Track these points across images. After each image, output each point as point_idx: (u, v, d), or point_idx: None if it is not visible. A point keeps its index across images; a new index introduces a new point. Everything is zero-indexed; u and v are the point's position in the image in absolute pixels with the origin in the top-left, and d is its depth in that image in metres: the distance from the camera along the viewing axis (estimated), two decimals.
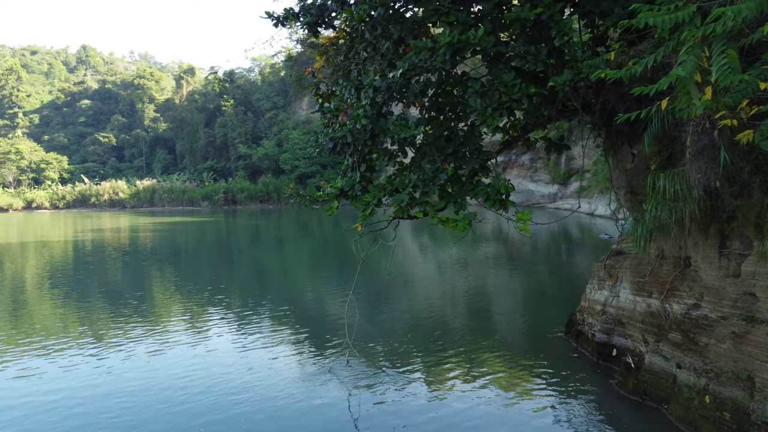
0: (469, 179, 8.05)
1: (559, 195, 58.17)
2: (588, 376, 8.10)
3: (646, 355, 7.22)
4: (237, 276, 19.58)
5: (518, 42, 6.90)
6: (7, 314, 13.25)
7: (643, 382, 7.05)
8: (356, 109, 7.74)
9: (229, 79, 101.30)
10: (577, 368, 8.40)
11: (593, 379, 7.96)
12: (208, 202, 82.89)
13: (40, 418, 7.12)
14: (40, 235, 38.39)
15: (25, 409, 7.42)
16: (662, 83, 4.47)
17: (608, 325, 8.47)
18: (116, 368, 8.95)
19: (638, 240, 7.24)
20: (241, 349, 9.69)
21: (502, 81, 6.86)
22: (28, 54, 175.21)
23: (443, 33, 6.52)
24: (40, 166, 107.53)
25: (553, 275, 18.40)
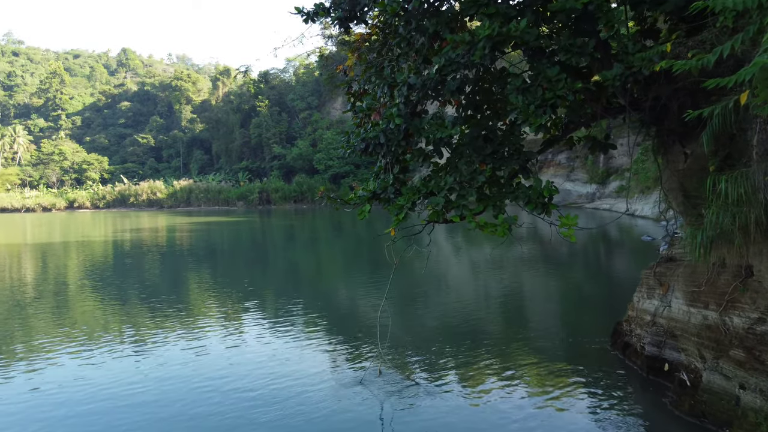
0: (509, 181, 7.59)
1: (597, 195, 56.76)
2: (637, 392, 7.55)
3: (704, 372, 6.64)
4: (271, 277, 19.43)
5: (563, 34, 6.41)
6: (50, 311, 13.54)
7: (701, 403, 6.48)
8: (389, 108, 7.35)
9: (264, 80, 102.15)
10: (625, 383, 7.85)
11: (643, 396, 7.41)
12: (243, 202, 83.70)
13: (78, 413, 7.18)
14: (82, 235, 39.15)
15: (67, 404, 7.49)
16: (745, 73, 3.95)
17: (659, 337, 7.90)
18: (151, 366, 9.04)
19: (697, 248, 6.66)
20: (273, 356, 9.42)
21: (546, 76, 6.38)
22: (71, 58, 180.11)
23: (482, 26, 6.08)
24: (81, 167, 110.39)
25: (593, 279, 17.70)
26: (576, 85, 6.23)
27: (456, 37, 6.38)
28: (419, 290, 15.29)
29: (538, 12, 6.55)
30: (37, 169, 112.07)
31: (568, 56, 6.39)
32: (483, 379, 8.15)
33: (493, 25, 6.06)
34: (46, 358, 9.75)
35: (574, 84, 6.26)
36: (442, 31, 6.90)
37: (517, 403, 7.26)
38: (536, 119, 6.30)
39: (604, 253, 24.22)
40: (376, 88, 7.91)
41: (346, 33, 8.29)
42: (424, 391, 7.63)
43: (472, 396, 7.52)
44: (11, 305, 14.26)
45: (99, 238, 36.49)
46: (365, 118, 8.17)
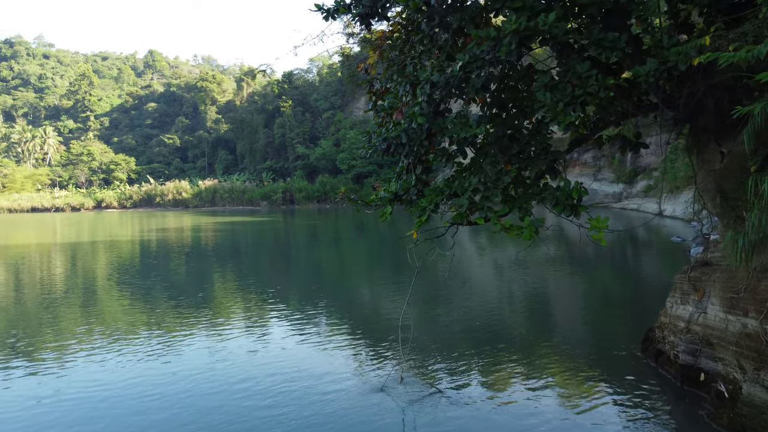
0: (535, 182, 7.30)
1: (624, 194, 55.72)
2: (672, 403, 7.21)
3: (744, 384, 6.29)
4: (293, 278, 19.34)
5: (594, 28, 6.11)
6: (79, 309, 13.74)
7: (740, 416, 6.13)
8: (412, 107, 7.13)
9: (287, 80, 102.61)
10: (658, 393, 7.51)
11: (678, 408, 7.06)
12: (266, 202, 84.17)
13: (103, 411, 7.20)
14: (109, 235, 39.66)
15: (92, 401, 7.52)
16: None
17: (694, 345, 7.54)
18: (174, 365, 9.13)
19: (738, 252, 6.30)
20: (293, 359, 9.28)
21: (576, 72, 6.09)
22: (100, 60, 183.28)
23: (508, 20, 5.82)
24: (109, 167, 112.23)
25: (621, 281, 17.24)
26: (608, 82, 5.94)
27: (481, 33, 6.13)
28: (442, 293, 15.04)
29: (567, 6, 6.27)
30: (66, 170, 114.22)
31: (599, 51, 6.10)
32: (507, 387, 7.88)
33: (520, 19, 5.80)
34: (73, 354, 9.84)
35: (606, 80, 5.96)
36: (466, 26, 6.65)
37: (543, 412, 6.98)
38: (565, 117, 6.01)
39: (632, 254, 23.65)
40: (398, 87, 7.70)
41: (368, 30, 8.09)
42: (446, 399, 7.39)
43: (496, 405, 7.26)
44: (41, 303, 14.39)
45: (126, 237, 36.91)
46: (387, 117, 7.96)
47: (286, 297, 15.05)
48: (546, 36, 5.96)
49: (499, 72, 7.42)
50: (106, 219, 65.02)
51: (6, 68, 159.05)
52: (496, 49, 6.09)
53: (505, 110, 7.63)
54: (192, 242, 33.28)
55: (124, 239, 35.47)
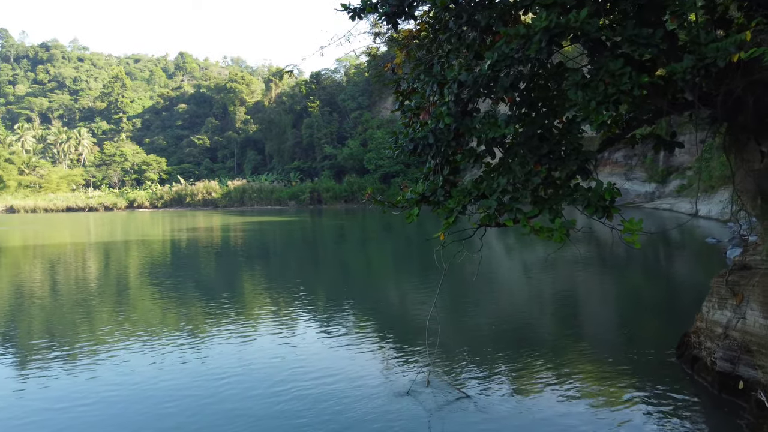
0: (566, 182, 7.12)
1: (656, 194, 54.62)
2: (708, 411, 6.97)
3: None
4: (320, 278, 19.37)
5: (628, 24, 5.92)
6: (112, 307, 14.02)
7: None
8: (439, 107, 7.02)
9: (315, 80, 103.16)
10: (694, 401, 7.27)
11: (716, 417, 6.82)
12: (294, 202, 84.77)
13: (133, 407, 7.34)
14: (141, 234, 40.33)
15: (123, 397, 7.61)
16: None
17: (732, 352, 7.27)
18: (204, 364, 9.24)
19: None
20: (319, 360, 9.26)
21: (608, 70, 5.91)
22: (132, 62, 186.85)
23: (539, 17, 5.67)
24: (141, 168, 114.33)
25: (653, 284, 16.84)
26: (642, 79, 5.74)
27: (510, 31, 5.99)
28: (470, 294, 14.87)
29: (599, 1, 6.09)
30: (100, 170, 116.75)
31: (632, 48, 5.91)
32: (536, 392, 7.72)
33: (550, 16, 5.65)
34: (106, 352, 10.03)
35: (640, 78, 5.77)
36: (495, 24, 6.52)
37: (572, 419, 6.81)
38: (598, 116, 5.84)
39: (665, 255, 23.11)
40: (425, 87, 7.59)
41: (395, 29, 8.00)
42: (473, 404, 7.26)
43: (524, 411, 7.10)
44: (76, 300, 14.66)
45: (157, 237, 37.49)
46: (414, 117, 7.86)
47: (313, 297, 15.06)
48: (577, 33, 5.80)
49: (528, 70, 7.26)
50: (137, 218, 66.20)
51: (42, 71, 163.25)
52: (526, 47, 5.95)
53: (534, 109, 7.46)
54: (221, 242, 33.64)
55: (155, 239, 36.03)
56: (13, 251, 29.64)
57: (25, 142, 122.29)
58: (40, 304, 14.65)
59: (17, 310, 13.90)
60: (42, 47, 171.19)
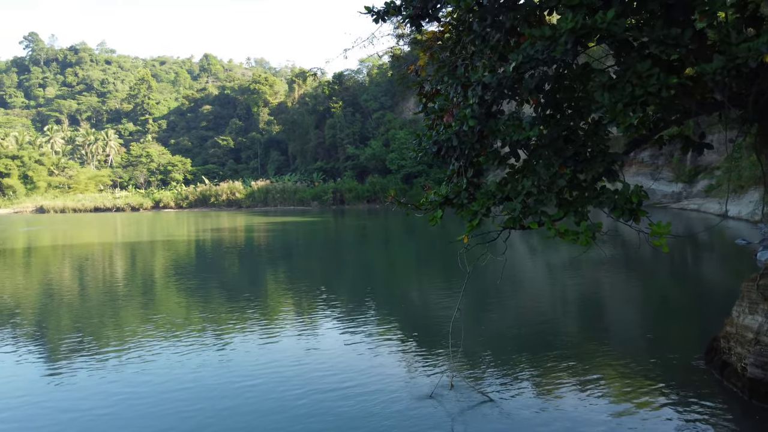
0: (592, 185, 7.03)
1: (684, 194, 53.69)
2: (739, 419, 6.82)
3: None
4: (343, 278, 19.43)
5: (656, 24, 5.82)
6: (138, 306, 14.30)
7: None
8: (463, 109, 6.99)
9: (338, 81, 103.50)
10: (723, 407, 7.12)
11: (745, 424, 6.67)
12: (317, 202, 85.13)
13: (157, 403, 7.44)
14: (167, 234, 40.89)
15: (149, 393, 7.78)
16: None
17: (764, 358, 7.11)
18: (225, 365, 9.35)
19: None
20: (341, 362, 9.28)
21: (636, 71, 5.82)
22: (158, 64, 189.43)
23: (564, 18, 5.61)
24: (167, 168, 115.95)
25: (681, 286, 16.55)
26: (670, 80, 5.64)
27: (535, 32, 5.93)
28: (493, 296, 14.78)
29: (626, 1, 6.00)
30: (126, 171, 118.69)
31: (661, 48, 5.81)
32: (561, 397, 7.63)
33: (576, 17, 5.59)
34: (130, 350, 10.23)
35: (668, 79, 5.67)
36: (519, 26, 6.46)
37: (597, 425, 6.71)
38: (625, 119, 5.75)
39: (693, 256, 22.71)
40: (449, 89, 7.56)
41: (418, 31, 7.99)
42: (497, 408, 7.21)
43: (548, 416, 7.03)
44: (103, 299, 14.92)
45: (182, 237, 37.97)
46: (437, 119, 7.84)
47: (336, 298, 15.11)
48: (604, 34, 5.72)
49: (553, 71, 7.19)
50: (163, 218, 67.12)
51: (71, 74, 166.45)
52: (551, 49, 5.89)
53: (559, 111, 7.38)
54: (245, 242, 33.94)
55: (181, 239, 36.50)
56: (44, 251, 30.28)
57: (54, 143, 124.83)
58: (68, 302, 14.94)
59: (47, 308, 14.19)
60: (71, 50, 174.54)
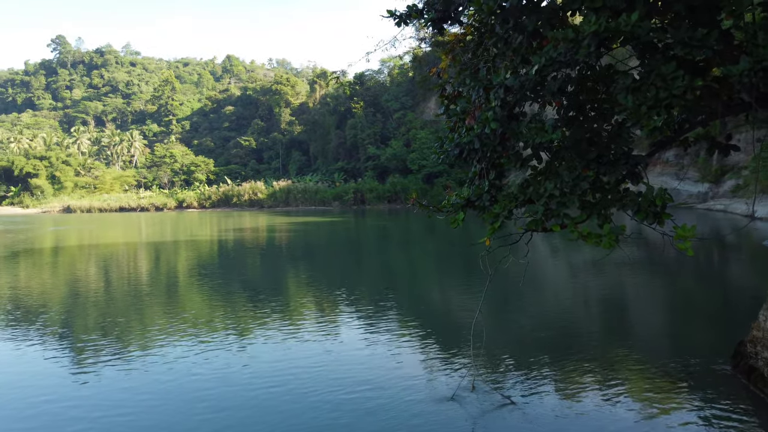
0: (615, 187, 6.98)
1: (710, 194, 52.83)
2: (766, 425, 6.72)
3: None
4: (364, 279, 19.50)
5: (680, 26, 5.76)
6: (161, 306, 14.54)
7: None
8: (485, 112, 6.98)
9: (359, 81, 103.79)
10: (750, 413, 7.01)
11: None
12: (338, 202, 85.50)
13: (180, 400, 7.51)
14: (190, 234, 41.39)
15: (173, 390, 7.91)
16: None
17: None
18: (242, 361, 9.54)
19: None
20: (361, 364, 9.32)
21: (660, 73, 5.77)
22: (181, 66, 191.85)
23: (587, 21, 5.59)
24: (190, 168, 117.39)
25: (706, 288, 16.30)
26: (696, 83, 5.58)
27: (558, 35, 5.91)
28: (515, 297, 14.71)
29: (651, 2, 5.95)
30: (150, 171, 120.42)
31: (686, 51, 5.75)
32: (583, 400, 7.59)
33: (600, 20, 5.56)
34: (157, 346, 10.49)
35: (694, 81, 5.61)
36: (542, 28, 6.44)
37: (620, 430, 6.67)
38: (649, 121, 5.71)
39: (719, 258, 22.35)
40: (471, 91, 7.56)
41: (440, 34, 8.00)
42: (519, 411, 7.19)
43: (570, 419, 7.00)
44: (128, 298, 15.19)
45: (205, 237, 38.42)
46: (459, 122, 7.84)
47: (356, 298, 15.17)
48: (627, 36, 5.68)
49: (576, 73, 7.15)
50: (186, 218, 67.95)
51: (97, 76, 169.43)
52: (574, 51, 5.87)
53: (582, 112, 7.35)
54: (267, 242, 34.22)
55: (204, 239, 36.93)
56: (70, 250, 30.87)
57: (81, 144, 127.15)
58: (94, 300, 15.23)
59: (73, 306, 14.49)
60: (97, 53, 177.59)
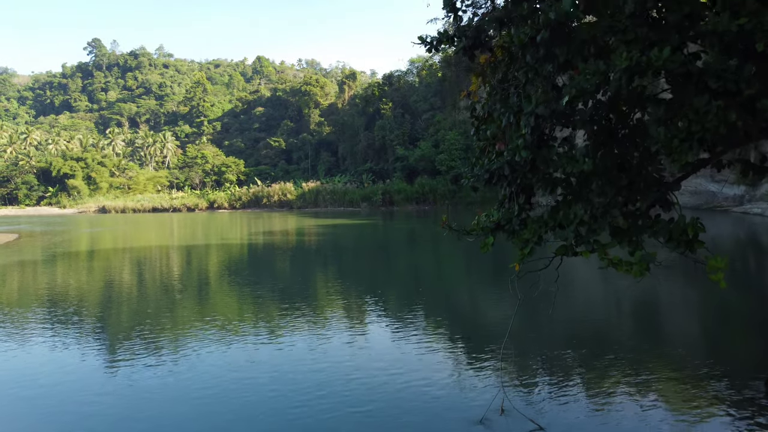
0: (646, 213, 6.97)
1: (746, 197, 51.53)
2: None
3: None
4: (392, 286, 19.60)
5: (713, 58, 5.72)
6: (193, 310, 14.83)
7: None
8: (515, 140, 7.03)
9: (387, 82, 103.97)
10: None
11: None
12: (366, 204, 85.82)
13: (204, 397, 7.65)
14: (221, 238, 42.06)
15: (197, 389, 8.13)
16: None
17: None
18: (268, 362, 10.07)
19: None
20: (387, 384, 9.38)
21: (693, 106, 5.75)
22: (212, 67, 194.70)
23: (619, 55, 5.60)
24: (221, 169, 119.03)
25: (745, 296, 15.96)
26: (729, 117, 5.54)
27: (590, 68, 5.94)
28: (545, 315, 14.63)
29: (684, 34, 5.93)
30: (182, 172, 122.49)
31: (719, 83, 5.71)
32: (617, 425, 7.56)
33: (631, 53, 5.57)
34: (187, 345, 10.95)
35: (728, 115, 5.57)
36: (573, 59, 6.46)
37: None
38: (681, 155, 5.69)
39: (756, 264, 21.85)
40: (501, 117, 7.60)
41: (471, 61, 8.06)
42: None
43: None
44: (159, 302, 15.57)
45: (235, 240, 39.02)
46: (489, 146, 7.89)
47: (385, 308, 15.26)
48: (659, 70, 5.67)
49: (607, 99, 7.14)
50: (217, 220, 69.01)
51: (131, 78, 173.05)
52: (605, 83, 5.89)
53: (613, 137, 7.33)
54: (296, 246, 34.60)
55: (234, 242, 37.52)
56: (105, 253, 31.67)
57: (115, 145, 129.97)
58: (128, 303, 15.65)
59: (107, 309, 14.91)
60: (131, 55, 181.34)
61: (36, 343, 12.00)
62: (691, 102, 5.79)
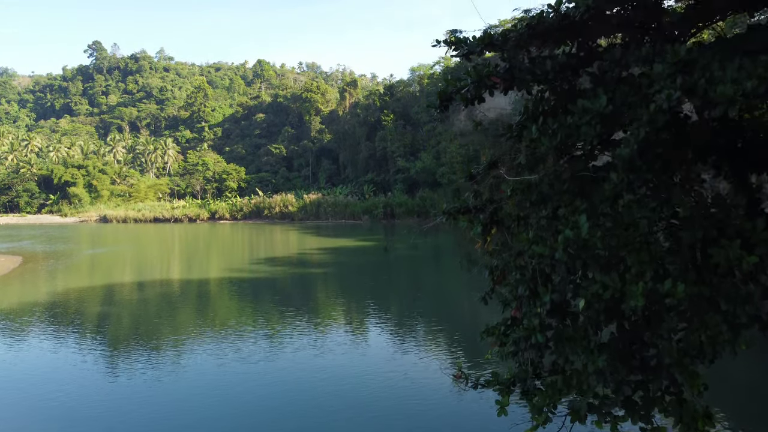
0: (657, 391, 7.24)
1: None
2: None
3: None
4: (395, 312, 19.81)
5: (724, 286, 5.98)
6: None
7: None
8: (532, 319, 7.27)
9: (389, 92, 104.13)
10: None
11: None
12: (368, 216, 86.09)
13: (209, 401, 7.81)
14: (225, 267, 42.21)
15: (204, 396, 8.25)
16: None
17: None
18: (270, 371, 10.53)
19: None
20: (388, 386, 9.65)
21: (704, 323, 6.03)
22: (213, 71, 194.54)
23: (633, 292, 5.84)
24: (222, 176, 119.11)
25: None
26: (741, 344, 5.79)
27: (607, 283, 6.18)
28: None
29: (697, 266, 6.18)
30: (183, 179, 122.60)
31: (731, 307, 5.98)
32: None
33: (646, 283, 5.83)
34: (188, 350, 11.12)
35: (740, 340, 5.82)
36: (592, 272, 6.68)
37: None
38: (693, 380, 5.96)
39: None
40: (517, 284, 7.82)
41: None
42: None
43: None
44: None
45: (238, 271, 39.27)
46: (506, 307, 8.10)
47: (386, 316, 15.47)
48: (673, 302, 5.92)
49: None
50: (219, 234, 69.19)
51: (132, 82, 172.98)
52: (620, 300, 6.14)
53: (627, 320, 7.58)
54: (301, 285, 34.80)
55: (235, 274, 37.78)
56: (107, 293, 31.87)
57: (116, 152, 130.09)
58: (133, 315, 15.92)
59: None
60: (131, 58, 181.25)
61: None
62: (702, 319, 6.05)
